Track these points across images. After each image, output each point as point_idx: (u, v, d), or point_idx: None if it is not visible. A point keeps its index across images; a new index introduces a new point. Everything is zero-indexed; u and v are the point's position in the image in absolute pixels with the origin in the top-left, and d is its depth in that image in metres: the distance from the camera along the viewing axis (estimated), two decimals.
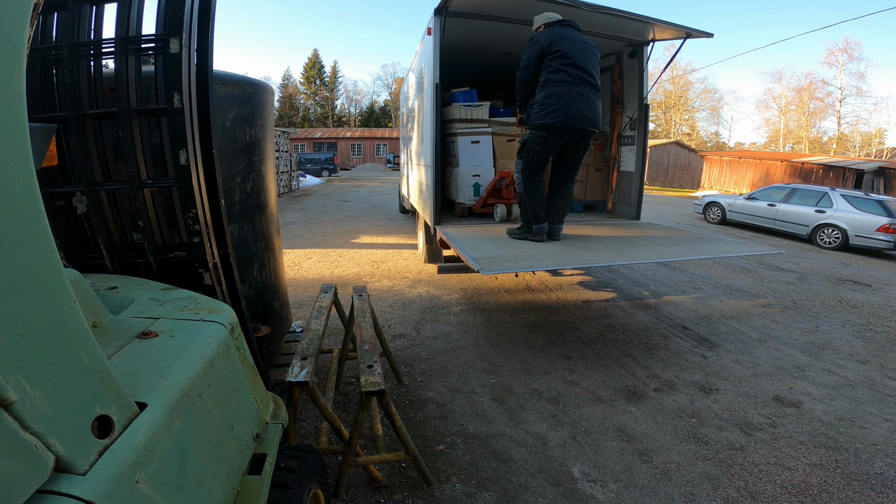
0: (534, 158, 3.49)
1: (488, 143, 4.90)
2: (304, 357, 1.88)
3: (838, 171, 17.71)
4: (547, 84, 3.27)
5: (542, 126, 3.32)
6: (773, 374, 3.24)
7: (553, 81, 3.25)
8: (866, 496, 2.05)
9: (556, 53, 3.24)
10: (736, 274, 6.14)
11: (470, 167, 4.81)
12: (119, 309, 1.14)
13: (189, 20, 1.46)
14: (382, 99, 57.67)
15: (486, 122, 4.91)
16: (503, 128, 4.99)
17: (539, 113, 3.30)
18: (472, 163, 4.82)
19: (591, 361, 3.35)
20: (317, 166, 26.03)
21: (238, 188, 2.37)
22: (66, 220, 1.59)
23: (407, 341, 3.61)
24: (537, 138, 3.40)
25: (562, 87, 3.23)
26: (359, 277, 5.40)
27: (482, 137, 4.87)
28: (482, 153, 4.87)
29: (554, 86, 3.24)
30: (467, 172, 4.81)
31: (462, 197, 4.89)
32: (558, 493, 2.03)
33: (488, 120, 4.95)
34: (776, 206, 9.62)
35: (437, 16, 3.79)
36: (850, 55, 34.18)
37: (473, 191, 4.86)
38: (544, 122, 3.28)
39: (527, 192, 3.57)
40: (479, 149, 4.85)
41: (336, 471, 2.08)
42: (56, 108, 1.50)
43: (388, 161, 34.13)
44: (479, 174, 4.84)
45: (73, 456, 0.62)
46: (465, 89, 5.09)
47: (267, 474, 1.11)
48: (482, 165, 4.86)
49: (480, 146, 4.86)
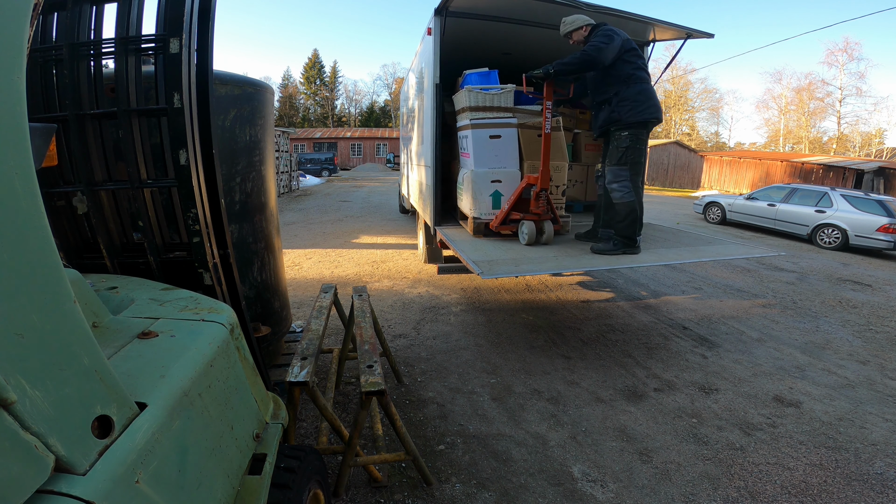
0: (641, 160, 3.29)
1: (513, 139, 3.82)
2: (304, 357, 1.88)
3: (838, 171, 17.71)
4: (634, 80, 3.18)
5: (643, 122, 3.22)
6: (773, 374, 3.24)
7: (640, 78, 3.19)
8: (866, 496, 2.05)
9: (633, 52, 3.20)
10: (736, 274, 6.13)
11: (488, 170, 3.75)
12: (119, 309, 1.14)
13: (189, 20, 1.46)
14: (382, 99, 57.76)
15: (509, 110, 3.87)
16: (532, 118, 3.91)
17: (637, 109, 3.17)
18: (490, 164, 3.77)
19: (591, 361, 3.35)
20: (317, 166, 26.04)
21: (238, 188, 2.37)
22: (66, 220, 1.59)
23: (407, 341, 3.61)
24: (641, 136, 3.25)
25: (647, 85, 3.21)
26: (359, 277, 5.40)
27: (505, 131, 3.79)
28: (505, 151, 3.80)
29: (643, 82, 3.19)
30: (484, 176, 3.74)
31: (477, 209, 3.80)
32: (558, 493, 2.03)
33: (513, 108, 3.90)
34: (776, 206, 9.62)
35: (437, 16, 3.78)
36: (849, 55, 34.22)
37: (492, 201, 3.78)
38: (646, 117, 3.20)
39: (638, 200, 3.32)
40: (500, 146, 3.79)
41: (336, 471, 2.08)
42: (56, 108, 1.49)
43: (388, 161, 34.12)
44: (499, 179, 3.75)
45: (73, 456, 0.62)
46: (482, 70, 4.06)
47: (267, 474, 1.11)
48: (504, 168, 3.78)
49: (503, 142, 3.78)
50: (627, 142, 3.23)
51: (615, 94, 3.23)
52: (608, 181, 3.37)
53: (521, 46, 4.88)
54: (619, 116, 3.22)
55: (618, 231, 3.40)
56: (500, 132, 3.77)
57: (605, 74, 3.26)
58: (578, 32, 3.36)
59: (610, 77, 3.24)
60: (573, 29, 3.37)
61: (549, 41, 4.52)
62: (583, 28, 3.34)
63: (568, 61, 3.09)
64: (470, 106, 3.83)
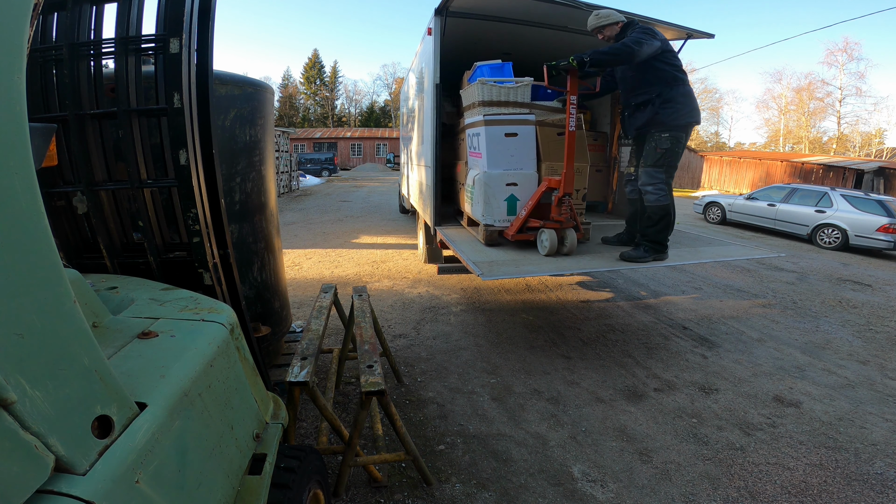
0: (677, 163, 3.19)
1: (530, 137, 3.50)
2: (304, 357, 1.88)
3: (838, 171, 17.71)
4: (677, 82, 3.09)
5: (686, 125, 3.14)
6: (773, 374, 3.24)
7: (682, 80, 3.11)
8: (866, 496, 2.05)
9: (672, 52, 3.14)
10: (736, 274, 6.13)
11: (502, 171, 3.44)
12: (119, 309, 1.14)
13: (189, 20, 1.46)
14: (382, 99, 57.72)
15: (526, 106, 3.58)
16: (549, 115, 3.59)
17: (682, 112, 3.08)
18: (505, 165, 3.45)
19: (591, 361, 3.35)
20: (317, 166, 26.04)
21: (238, 188, 2.37)
22: (66, 220, 1.59)
23: (407, 341, 3.61)
24: (681, 139, 3.15)
25: (689, 87, 3.14)
26: (359, 277, 5.40)
27: (522, 129, 3.46)
28: (521, 151, 3.48)
29: (685, 84, 3.12)
30: (498, 179, 3.41)
31: (490, 215, 3.48)
32: (558, 493, 2.03)
33: (531, 104, 3.60)
34: (776, 206, 9.63)
35: (437, 16, 3.78)
36: (849, 55, 34.21)
37: (507, 207, 3.47)
38: (688, 120, 3.12)
39: (672, 204, 3.22)
40: (516, 145, 3.46)
41: (336, 471, 2.08)
42: (56, 108, 1.50)
43: (388, 161, 34.13)
44: (515, 182, 3.43)
45: (73, 456, 0.62)
46: (494, 62, 3.79)
47: (267, 474, 1.11)
48: (520, 170, 3.47)
49: (519, 141, 3.46)
50: (668, 144, 3.13)
51: (657, 96, 3.11)
52: (642, 183, 3.26)
53: (521, 46, 4.88)
54: (662, 119, 3.12)
55: (649, 236, 3.27)
56: (516, 130, 3.44)
57: (643, 74, 3.13)
58: (612, 28, 3.23)
59: (650, 77, 3.12)
60: (608, 24, 3.22)
61: (550, 41, 4.53)
62: (617, 24, 3.23)
63: (605, 51, 2.92)
64: (483, 100, 3.51)
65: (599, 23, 3.24)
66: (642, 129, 3.27)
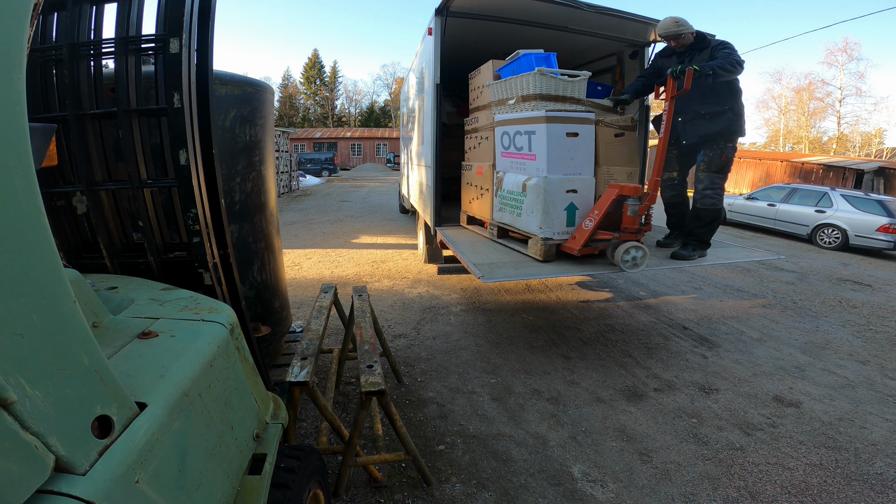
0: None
1: (590, 138, 3.13)
2: (304, 357, 1.88)
3: (838, 171, 17.70)
4: (741, 96, 3.30)
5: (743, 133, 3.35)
6: (773, 374, 3.24)
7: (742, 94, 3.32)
8: (866, 496, 2.05)
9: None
10: (736, 274, 6.13)
11: (563, 176, 3.00)
12: (119, 309, 1.14)
13: (189, 20, 1.46)
14: (382, 99, 57.71)
15: (583, 102, 3.25)
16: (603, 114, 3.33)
17: (744, 124, 3.33)
18: (565, 169, 3.02)
19: (591, 361, 3.35)
20: (317, 166, 26.04)
21: (238, 188, 2.37)
22: (66, 220, 1.59)
23: (407, 341, 3.61)
24: (736, 147, 3.39)
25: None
26: (359, 277, 5.40)
27: (582, 128, 3.06)
28: (580, 154, 3.08)
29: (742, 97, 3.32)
30: (559, 185, 2.98)
31: (549, 227, 3.03)
32: (558, 493, 2.03)
33: (589, 101, 3.29)
34: (776, 206, 9.63)
35: (437, 16, 3.78)
36: (849, 55, 34.14)
37: (566, 217, 3.05)
38: (745, 129, 3.36)
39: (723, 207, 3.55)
40: (576, 146, 3.05)
41: (336, 471, 2.08)
42: (56, 108, 1.50)
43: (388, 161, 34.14)
44: (574, 189, 3.03)
45: (73, 456, 0.62)
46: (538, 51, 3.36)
47: (267, 474, 1.11)
48: (579, 174, 3.07)
49: (579, 142, 3.06)
50: (732, 153, 3.36)
51: (730, 108, 3.27)
52: (704, 187, 3.42)
53: (521, 47, 4.85)
54: (734, 129, 3.29)
55: (699, 235, 3.52)
56: (577, 129, 3.03)
57: (718, 86, 3.19)
58: (688, 37, 3.32)
59: (725, 89, 3.24)
60: (686, 32, 3.30)
61: (550, 41, 4.52)
62: (692, 34, 3.33)
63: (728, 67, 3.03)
64: (540, 93, 3.06)
65: (680, 30, 3.30)
66: (709, 138, 3.36)
